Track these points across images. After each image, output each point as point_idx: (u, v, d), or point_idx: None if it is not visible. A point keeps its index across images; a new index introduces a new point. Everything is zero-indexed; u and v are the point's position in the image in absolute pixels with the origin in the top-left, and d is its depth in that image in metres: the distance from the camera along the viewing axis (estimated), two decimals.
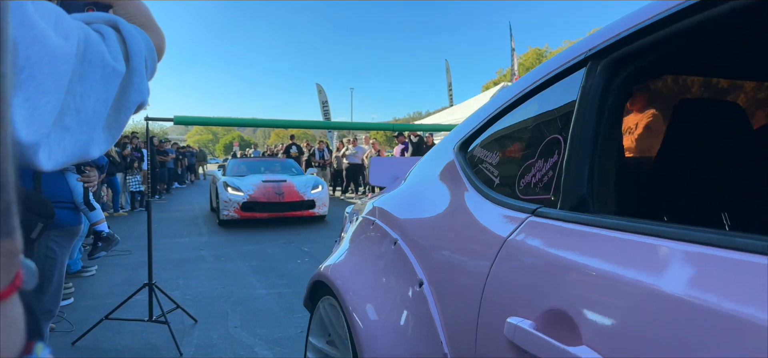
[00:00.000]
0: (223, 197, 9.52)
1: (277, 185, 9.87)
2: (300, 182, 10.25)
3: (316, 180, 10.52)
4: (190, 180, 24.77)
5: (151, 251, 3.89)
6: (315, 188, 10.17)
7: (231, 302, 4.60)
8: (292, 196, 9.69)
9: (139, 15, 0.73)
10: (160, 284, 5.23)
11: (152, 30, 0.74)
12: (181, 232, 9.07)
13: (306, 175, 11.22)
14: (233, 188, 9.65)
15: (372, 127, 11.67)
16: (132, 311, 3.85)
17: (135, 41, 0.64)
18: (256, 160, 13.58)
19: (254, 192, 9.56)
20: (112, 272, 5.88)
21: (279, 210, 9.66)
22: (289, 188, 9.84)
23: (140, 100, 0.65)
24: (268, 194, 9.57)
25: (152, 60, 0.69)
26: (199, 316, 4.12)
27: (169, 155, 17.84)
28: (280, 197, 9.58)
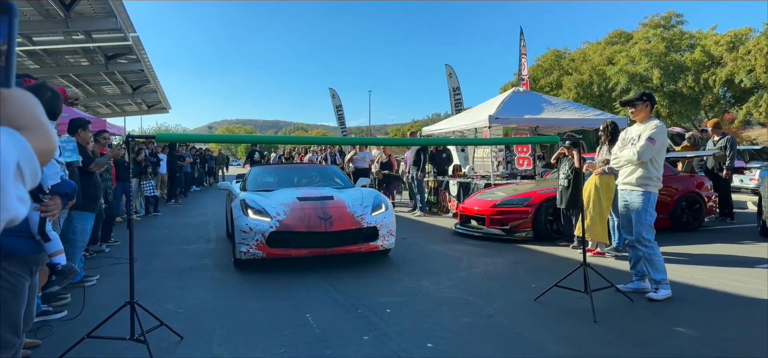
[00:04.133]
0: (240, 225, 6.28)
1: (320, 204, 6.56)
2: (353, 198, 6.90)
3: (375, 196, 7.12)
4: (209, 183, 25.04)
5: (132, 268, 3.90)
6: (377, 208, 6.74)
7: (221, 315, 4.60)
8: (345, 221, 6.37)
9: (21, 117, 0.69)
10: (158, 295, 5.30)
11: (36, 131, 0.70)
12: (189, 238, 9.14)
13: (356, 187, 7.95)
14: (256, 209, 6.39)
15: (379, 143, 11.47)
16: (119, 326, 3.86)
17: (1, 154, 0.60)
18: (287, 166, 10.77)
19: (288, 216, 6.28)
20: (113, 282, 5.93)
21: (325, 244, 6.27)
22: (339, 209, 6.51)
23: (7, 218, 0.61)
24: (309, 218, 6.28)
25: (31, 166, 0.65)
26: (187, 331, 4.12)
27: (185, 160, 18.03)
28: (325, 223, 6.26)
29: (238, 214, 6.47)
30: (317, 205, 6.52)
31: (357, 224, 6.40)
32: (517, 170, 12.67)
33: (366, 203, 6.79)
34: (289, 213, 6.32)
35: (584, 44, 38.71)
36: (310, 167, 10.82)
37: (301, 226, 6.20)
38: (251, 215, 6.32)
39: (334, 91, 26.00)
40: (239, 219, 6.36)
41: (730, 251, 7.32)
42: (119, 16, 13.20)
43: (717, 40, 28.46)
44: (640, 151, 4.89)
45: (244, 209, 6.46)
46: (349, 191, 7.45)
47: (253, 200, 6.59)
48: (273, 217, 6.23)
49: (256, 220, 6.23)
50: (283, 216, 6.27)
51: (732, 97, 30.13)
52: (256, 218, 6.25)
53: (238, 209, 6.52)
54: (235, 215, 6.51)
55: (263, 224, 6.18)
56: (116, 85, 22.01)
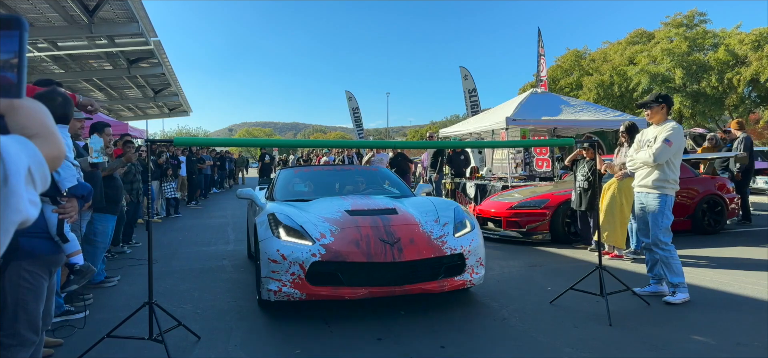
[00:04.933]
0: (268, 251, 4.53)
1: (381, 220, 4.80)
2: (424, 212, 5.12)
3: (455, 209, 5.27)
4: (228, 185, 25.32)
5: (151, 269, 3.99)
6: (460, 226, 4.97)
7: (237, 317, 4.68)
8: (419, 246, 4.55)
9: (32, 125, 0.74)
10: (177, 296, 5.40)
11: (46, 138, 0.75)
12: (208, 240, 9.27)
13: (419, 195, 6.37)
14: (290, 228, 4.64)
15: (381, 145, 11.44)
16: (138, 326, 3.95)
17: (13, 160, 0.65)
18: (325, 169, 8.67)
19: (337, 238, 4.53)
20: (133, 283, 6.06)
21: (392, 279, 4.46)
22: (409, 228, 4.73)
23: (19, 219, 0.66)
24: (368, 242, 4.49)
25: (41, 171, 0.71)
26: (204, 332, 4.20)
27: (205, 162, 18.26)
28: (392, 249, 4.45)
29: (265, 234, 4.64)
30: (377, 221, 4.72)
31: (436, 249, 4.54)
32: (535, 172, 12.60)
33: (444, 218, 4.97)
34: (339, 234, 4.53)
35: (605, 44, 38.27)
36: (355, 170, 8.71)
37: (356, 253, 4.35)
38: (284, 236, 4.53)
39: (351, 94, 26.09)
40: (267, 242, 4.55)
41: (752, 254, 7.20)
42: (141, 21, 13.44)
43: (741, 39, 27.92)
44: (656, 154, 4.85)
45: (274, 227, 4.66)
46: (414, 200, 5.67)
47: (285, 215, 4.79)
48: (315, 240, 4.45)
49: (291, 244, 4.44)
50: (330, 238, 4.48)
51: (757, 97, 29.57)
52: (292, 241, 4.46)
53: (266, 228, 4.71)
54: (262, 236, 4.67)
55: (302, 250, 4.37)
56: (138, 89, 22.37)
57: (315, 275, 4.37)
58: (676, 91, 29.71)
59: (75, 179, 2.73)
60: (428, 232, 4.73)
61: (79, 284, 3.23)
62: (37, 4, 11.67)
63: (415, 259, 4.47)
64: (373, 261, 4.37)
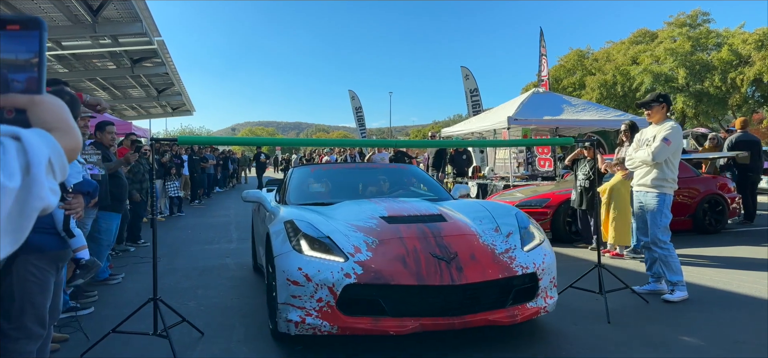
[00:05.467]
0: (287, 268, 3.61)
1: (428, 229, 3.90)
2: (477, 216, 4.27)
3: (516, 214, 4.38)
4: (232, 185, 25.41)
5: (155, 266, 4.06)
6: (528, 237, 4.07)
7: (240, 314, 4.74)
8: (484, 263, 3.66)
9: (52, 120, 0.79)
10: (181, 293, 5.46)
11: (65, 132, 0.80)
12: (211, 238, 9.34)
13: (468, 199, 5.88)
14: (314, 240, 3.73)
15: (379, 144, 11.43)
16: (143, 322, 4.01)
17: (35, 151, 0.71)
18: (342, 168, 7.84)
19: (376, 253, 3.65)
20: (137, 280, 6.12)
21: (452, 308, 3.52)
22: (464, 238, 3.86)
23: (41, 206, 0.72)
24: (417, 257, 3.59)
25: (60, 162, 0.76)
26: (207, 328, 4.26)
27: (208, 162, 18.35)
28: (449, 267, 3.55)
29: (282, 247, 3.71)
30: (424, 231, 3.80)
31: (504, 268, 3.63)
32: (538, 171, 12.63)
33: (506, 226, 4.07)
34: (378, 247, 3.63)
35: (608, 44, 38.22)
36: (380, 168, 7.48)
37: (403, 273, 3.44)
38: (307, 249, 3.60)
39: (354, 93, 26.17)
40: (285, 258, 3.62)
41: (752, 253, 7.23)
42: (144, 21, 13.52)
43: (745, 39, 27.88)
44: (655, 153, 4.89)
45: (294, 237, 3.72)
46: (461, 204, 4.82)
47: (307, 223, 3.85)
48: (348, 255, 3.54)
49: (317, 260, 3.52)
50: (367, 253, 3.57)
51: (761, 96, 29.51)
52: (318, 257, 3.54)
53: (283, 239, 3.75)
54: (278, 249, 3.73)
55: (331, 268, 3.46)
56: (142, 88, 22.47)
57: (349, 301, 3.41)
58: (679, 91, 29.69)
59: (80, 175, 2.79)
60: (490, 244, 3.81)
61: (84, 279, 3.29)
62: (41, 4, 11.75)
63: (480, 281, 3.50)
64: (425, 284, 3.39)
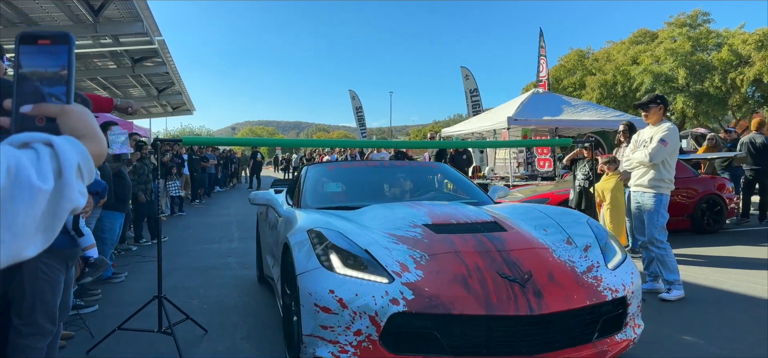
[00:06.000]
0: (317, 293, 2.83)
1: (488, 240, 3.20)
2: (538, 224, 3.63)
3: (588, 222, 3.68)
4: (232, 184, 25.49)
5: (160, 265, 4.12)
6: (609, 252, 3.35)
7: (244, 312, 4.80)
8: (567, 288, 2.89)
9: (80, 127, 0.86)
10: (183, 292, 5.52)
11: (92, 138, 0.86)
12: (213, 238, 9.40)
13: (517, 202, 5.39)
14: (348, 255, 2.98)
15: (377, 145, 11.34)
16: (148, 320, 4.07)
17: (67, 156, 0.77)
18: (363, 165, 6.54)
19: (427, 272, 2.87)
20: (140, 279, 6.19)
21: (526, 343, 2.75)
22: (535, 253, 3.14)
23: (71, 207, 0.78)
24: (481, 277, 2.83)
25: (88, 167, 0.82)
26: (211, 326, 4.32)
27: (209, 161, 18.42)
28: (522, 289, 2.78)
29: (307, 263, 3.00)
30: (484, 243, 3.14)
31: (591, 292, 2.93)
32: (537, 172, 12.70)
33: (580, 238, 3.42)
34: (430, 264, 2.93)
35: (608, 44, 38.26)
36: (406, 166, 6.35)
37: (467, 299, 2.72)
38: (340, 266, 2.91)
39: (354, 93, 26.24)
40: (312, 277, 2.91)
41: (749, 253, 7.29)
42: (145, 21, 13.58)
43: (745, 39, 27.92)
44: (652, 153, 4.96)
45: (322, 250, 3.02)
46: (514, 209, 4.17)
47: (337, 232, 3.16)
48: (393, 274, 2.84)
49: (354, 280, 2.82)
50: (417, 272, 2.87)
51: (761, 97, 29.55)
52: (355, 277, 2.84)
53: (307, 252, 3.06)
54: (302, 266, 3.01)
55: (373, 291, 2.75)
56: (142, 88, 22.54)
57: (396, 335, 2.72)
58: (679, 91, 29.74)
59: None
60: (568, 261, 3.12)
61: (93, 277, 3.36)
62: (42, 4, 11.82)
63: (564, 309, 2.77)
64: (495, 313, 2.67)
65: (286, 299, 3.38)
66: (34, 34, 0.86)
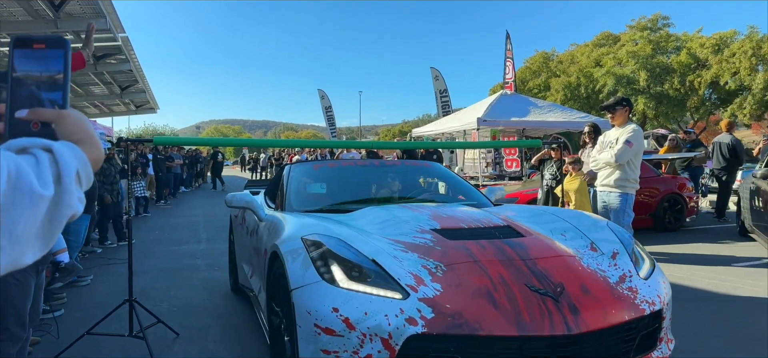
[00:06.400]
0: (317, 311, 2.45)
1: (510, 247, 2.85)
2: (555, 228, 3.30)
3: (611, 227, 3.37)
4: (198, 185, 25.09)
5: (131, 267, 4.04)
6: (638, 260, 3.06)
7: (215, 314, 4.74)
8: (604, 302, 2.57)
9: (77, 132, 0.84)
10: (152, 294, 5.41)
11: (89, 144, 0.85)
12: (180, 239, 9.24)
13: (501, 203, 4.59)
14: (353, 266, 2.60)
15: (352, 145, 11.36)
16: (117, 324, 3.99)
17: (66, 162, 0.76)
18: (350, 164, 6.12)
19: (446, 286, 2.50)
20: (107, 282, 6.05)
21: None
22: (561, 262, 2.80)
23: (70, 213, 0.77)
24: (509, 292, 2.48)
25: (86, 173, 0.81)
26: (182, 329, 4.25)
27: (175, 161, 18.09)
28: (556, 305, 2.44)
29: (304, 277, 2.62)
30: (505, 251, 2.82)
31: (630, 306, 2.64)
32: (505, 172, 12.90)
33: (605, 244, 3.12)
34: (447, 276, 2.58)
35: (572, 46, 39.20)
36: (399, 165, 5.98)
37: (495, 316, 2.38)
38: (344, 280, 2.54)
39: (324, 93, 26.14)
40: (311, 293, 2.54)
41: (709, 250, 7.56)
42: (109, 17, 13.25)
43: (702, 43, 28.94)
44: (618, 154, 5.10)
45: (321, 261, 2.65)
46: (518, 210, 3.91)
47: (337, 240, 2.79)
48: (408, 288, 2.49)
49: (362, 296, 2.46)
50: (434, 286, 2.51)
51: (717, 99, 30.65)
52: (363, 292, 2.48)
53: (303, 263, 2.69)
54: (297, 279, 2.63)
55: (386, 309, 2.40)
56: (104, 86, 21.97)
57: None
58: (640, 93, 30.60)
59: None
60: (598, 271, 2.81)
61: (64, 281, 3.28)
62: None
63: (604, 326, 2.47)
64: (529, 334, 2.34)
65: (275, 317, 3.00)
66: (28, 38, 0.84)
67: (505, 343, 2.34)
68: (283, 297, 2.84)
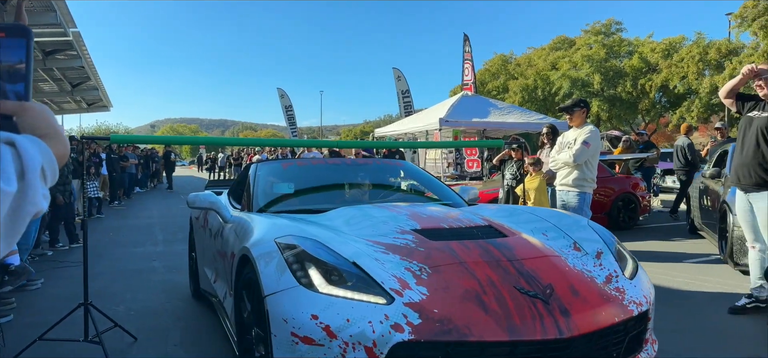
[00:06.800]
0: (297, 319, 2.27)
1: (495, 248, 2.75)
2: (536, 227, 3.22)
3: (592, 225, 3.32)
4: (153, 185, 24.46)
5: (86, 269, 3.90)
6: (622, 260, 3.01)
7: (173, 317, 4.62)
8: (593, 303, 2.51)
9: (41, 126, 0.79)
10: (108, 298, 5.23)
11: (54, 138, 0.80)
12: (136, 241, 8.99)
13: (477, 203, 4.46)
14: (331, 270, 2.44)
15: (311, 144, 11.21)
16: (71, 329, 3.83)
17: (30, 157, 0.71)
18: (321, 163, 5.79)
19: (432, 289, 2.38)
20: (59, 285, 5.82)
21: None
22: (547, 262, 2.72)
23: (34, 211, 0.72)
24: (498, 294, 2.38)
25: (52, 168, 0.76)
26: (140, 333, 4.12)
27: (129, 160, 17.58)
28: (546, 307, 2.36)
29: (279, 281, 2.44)
30: (490, 251, 2.72)
31: (619, 307, 2.59)
32: (466, 172, 13.05)
33: (586, 241, 3.06)
34: (433, 279, 2.46)
35: (529, 50, 39.95)
36: (371, 163, 5.82)
37: (485, 320, 2.27)
38: (323, 285, 2.38)
39: (283, 92, 25.85)
40: (287, 299, 2.37)
41: (662, 247, 7.84)
42: (59, 11, 12.75)
43: (653, 48, 29.98)
44: (576, 154, 5.23)
45: (299, 264, 2.47)
46: (494, 210, 3.90)
47: (313, 241, 2.64)
48: (392, 292, 2.34)
49: (343, 301, 2.31)
50: (419, 289, 2.38)
51: (667, 102, 31.78)
52: (344, 297, 2.32)
53: (278, 266, 2.50)
54: (271, 285, 2.45)
55: (369, 315, 2.25)
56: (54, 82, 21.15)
57: None
58: (594, 96, 31.45)
59: None
60: (585, 271, 2.75)
61: (14, 285, 3.13)
62: None
63: (595, 329, 2.42)
64: (521, 339, 2.25)
65: (240, 324, 2.82)
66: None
67: (496, 348, 2.24)
68: (255, 304, 2.64)
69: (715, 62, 26.23)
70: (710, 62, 26.49)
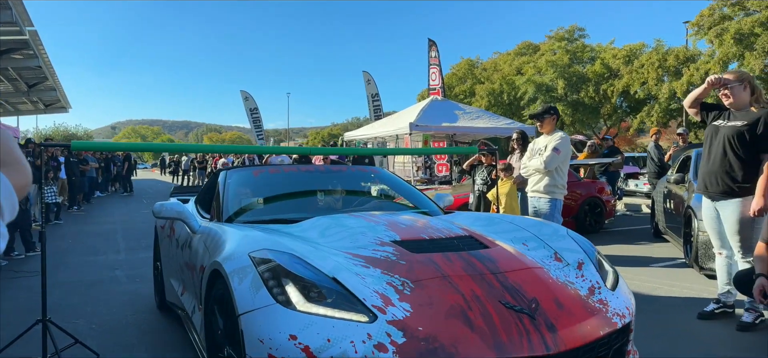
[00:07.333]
0: (275, 339, 2.11)
1: (478, 260, 2.66)
2: (515, 237, 3.13)
3: (571, 234, 3.25)
4: (114, 189, 23.80)
5: (44, 283, 3.71)
6: (603, 271, 2.94)
7: (138, 332, 4.44)
8: (579, 316, 2.43)
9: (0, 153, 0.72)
10: (68, 311, 5.01)
11: (14, 166, 0.72)
12: (97, 249, 8.67)
13: (451, 211, 4.34)
14: (310, 287, 2.30)
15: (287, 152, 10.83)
16: (28, 346, 3.64)
17: None
18: (293, 170, 4.95)
19: (417, 306, 2.26)
20: (14, 298, 5.55)
21: None
22: (530, 274, 2.64)
23: None
24: (483, 310, 2.28)
25: (11, 204, 0.69)
26: (103, 348, 3.94)
27: (89, 164, 17.04)
28: (533, 322, 2.27)
29: (254, 299, 2.28)
30: (473, 264, 2.63)
31: (603, 320, 2.51)
32: (436, 176, 13.07)
33: (567, 252, 3.00)
34: (416, 294, 2.35)
35: (495, 54, 40.50)
36: (345, 170, 5.77)
37: (472, 338, 2.16)
38: (302, 303, 2.24)
39: (247, 94, 25.38)
40: (263, 318, 2.21)
41: (628, 251, 7.97)
42: (15, 9, 12.29)
43: (615, 54, 30.70)
44: (547, 161, 5.26)
45: (275, 281, 2.33)
46: (470, 218, 3.80)
47: (290, 255, 2.50)
48: (374, 310, 2.22)
49: (323, 320, 2.16)
50: (402, 306, 2.27)
51: (628, 107, 32.59)
52: (324, 316, 2.18)
53: (253, 283, 2.35)
54: (246, 303, 2.29)
55: (351, 334, 2.11)
56: (9, 82, 20.38)
57: None
58: (558, 100, 32.01)
59: None
60: (568, 283, 2.68)
61: None
62: None
63: (581, 344, 2.32)
64: (508, 356, 2.14)
65: (212, 346, 2.66)
66: None
67: None
68: (228, 322, 2.48)
69: (674, 69, 27.00)
70: (669, 68, 27.26)
